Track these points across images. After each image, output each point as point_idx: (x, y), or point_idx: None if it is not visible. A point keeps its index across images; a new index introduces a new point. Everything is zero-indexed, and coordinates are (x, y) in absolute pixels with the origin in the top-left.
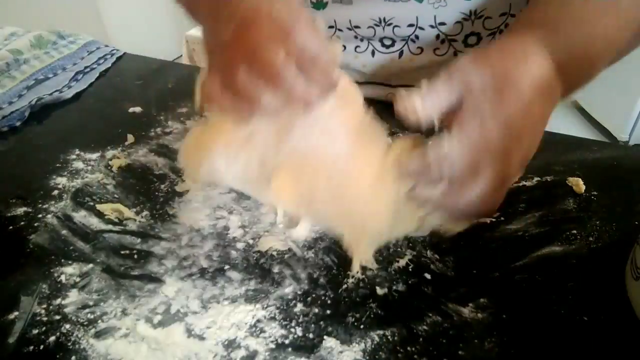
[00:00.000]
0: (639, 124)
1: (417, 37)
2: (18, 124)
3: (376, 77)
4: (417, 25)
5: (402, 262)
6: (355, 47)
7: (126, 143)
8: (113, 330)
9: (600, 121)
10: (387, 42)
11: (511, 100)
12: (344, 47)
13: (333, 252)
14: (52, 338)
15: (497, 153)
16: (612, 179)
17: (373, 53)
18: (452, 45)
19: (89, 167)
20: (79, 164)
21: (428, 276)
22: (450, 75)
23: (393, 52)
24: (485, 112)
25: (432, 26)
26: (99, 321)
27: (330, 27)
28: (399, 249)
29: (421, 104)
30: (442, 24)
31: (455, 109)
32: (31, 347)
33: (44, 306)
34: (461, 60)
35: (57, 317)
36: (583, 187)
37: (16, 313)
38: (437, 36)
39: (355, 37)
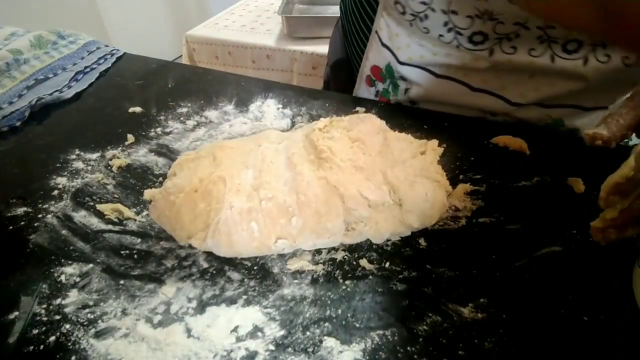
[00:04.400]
0: None
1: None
2: (18, 124)
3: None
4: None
5: (402, 262)
6: (531, 49)
7: (126, 143)
8: (113, 330)
9: None
10: None
11: None
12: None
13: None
14: (52, 338)
15: None
16: None
17: None
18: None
19: (89, 167)
20: (79, 164)
21: (428, 276)
22: (631, 96)
23: None
24: None
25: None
26: (99, 321)
27: None
28: (399, 249)
29: (606, 130)
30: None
31: None
32: (31, 347)
33: (44, 306)
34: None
35: (57, 317)
36: (583, 187)
37: (16, 313)
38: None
39: (539, 37)
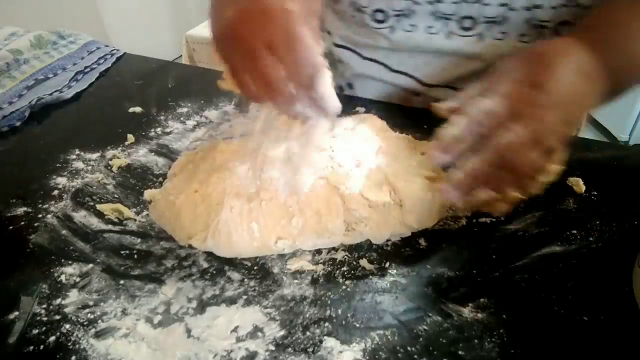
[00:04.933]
0: (639, 124)
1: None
2: (18, 124)
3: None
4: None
5: (402, 262)
6: (428, 27)
7: (126, 143)
8: (113, 330)
9: (600, 121)
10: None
11: (544, 69)
12: (414, 25)
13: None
14: (52, 338)
15: (527, 106)
16: (612, 179)
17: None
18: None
19: (89, 167)
20: (79, 164)
21: (428, 276)
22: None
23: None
24: (516, 75)
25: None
26: (99, 321)
27: None
28: (399, 249)
29: (454, 102)
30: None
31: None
32: (31, 347)
33: (44, 306)
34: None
35: (57, 317)
36: (583, 187)
37: (16, 313)
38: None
39: (433, 14)
